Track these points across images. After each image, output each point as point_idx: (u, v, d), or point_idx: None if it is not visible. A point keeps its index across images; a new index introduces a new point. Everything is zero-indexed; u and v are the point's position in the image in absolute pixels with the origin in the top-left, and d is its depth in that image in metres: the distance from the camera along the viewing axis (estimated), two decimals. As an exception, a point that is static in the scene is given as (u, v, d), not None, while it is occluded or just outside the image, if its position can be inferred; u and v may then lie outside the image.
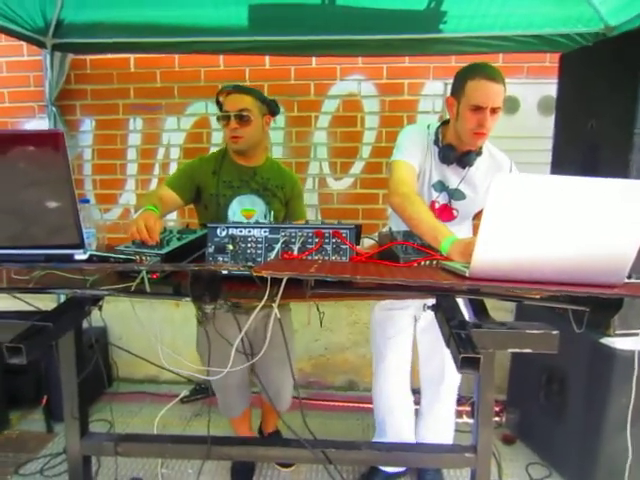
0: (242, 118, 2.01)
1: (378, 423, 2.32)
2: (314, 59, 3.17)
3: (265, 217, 2.10)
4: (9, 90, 3.32)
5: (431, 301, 1.33)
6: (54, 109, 3.11)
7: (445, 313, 1.16)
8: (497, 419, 2.83)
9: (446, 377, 2.14)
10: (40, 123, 3.27)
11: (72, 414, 1.63)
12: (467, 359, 0.95)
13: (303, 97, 3.20)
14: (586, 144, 2.31)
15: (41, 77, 3.18)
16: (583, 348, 2.19)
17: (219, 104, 2.08)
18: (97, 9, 2.79)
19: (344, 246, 1.47)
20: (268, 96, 2.12)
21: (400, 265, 1.36)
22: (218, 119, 2.08)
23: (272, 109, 2.11)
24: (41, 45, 2.97)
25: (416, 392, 2.29)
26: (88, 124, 3.36)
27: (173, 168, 3.35)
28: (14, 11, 2.63)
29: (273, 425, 2.61)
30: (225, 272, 1.39)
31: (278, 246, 1.47)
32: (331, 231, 1.49)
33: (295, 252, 1.45)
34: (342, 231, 1.48)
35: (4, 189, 1.15)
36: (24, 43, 3.07)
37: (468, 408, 2.83)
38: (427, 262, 1.41)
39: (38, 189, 1.15)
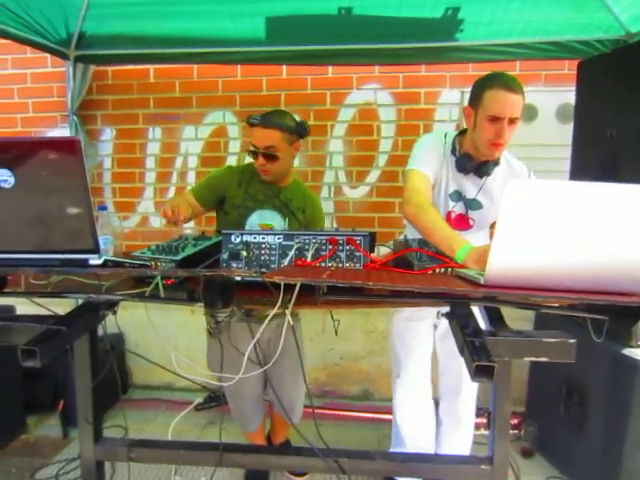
0: (269, 156, 2.01)
1: (397, 433, 2.28)
2: (330, 68, 3.19)
3: None
4: (33, 100, 3.41)
5: (445, 309, 1.31)
6: (75, 119, 3.17)
7: (459, 321, 1.14)
8: (516, 431, 2.77)
9: (464, 386, 2.10)
10: (62, 132, 3.34)
11: (86, 419, 1.64)
12: (481, 367, 0.94)
13: (319, 106, 3.22)
14: (606, 152, 2.28)
15: (64, 88, 3.27)
16: (604, 359, 2.13)
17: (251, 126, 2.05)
18: (118, 21, 2.85)
19: (358, 253, 1.46)
20: (290, 113, 2.10)
21: (414, 272, 1.34)
22: (248, 153, 2.06)
23: (301, 133, 2.08)
24: (64, 57, 3.05)
25: (436, 403, 2.26)
26: (108, 133, 3.42)
27: (191, 177, 3.39)
28: (39, 24, 2.71)
29: (283, 435, 2.58)
30: (238, 278, 1.39)
31: (291, 253, 1.46)
32: (345, 238, 1.48)
33: (308, 259, 1.45)
34: (356, 238, 1.48)
35: (22, 195, 1.17)
36: (48, 55, 3.16)
37: (485, 420, 2.78)
38: (442, 270, 1.39)
39: (55, 195, 1.17)
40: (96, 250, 1.22)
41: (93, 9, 2.75)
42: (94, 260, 1.23)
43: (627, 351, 2.04)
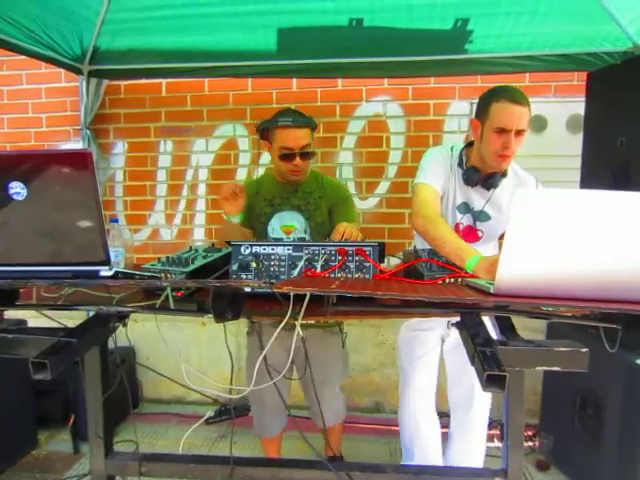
0: (307, 155, 2.02)
1: (405, 446, 2.25)
2: (340, 81, 3.22)
3: (305, 232, 2.11)
4: (47, 115, 3.47)
5: (456, 318, 1.30)
6: (88, 132, 3.22)
7: (470, 330, 1.13)
8: (530, 444, 2.73)
9: (476, 399, 2.07)
10: (75, 146, 3.39)
11: (97, 433, 1.64)
12: (492, 377, 0.92)
13: (329, 118, 3.24)
14: (616, 161, 2.27)
15: (77, 102, 3.32)
16: (618, 369, 2.10)
17: (263, 130, 2.04)
18: (131, 37, 2.90)
19: (367, 264, 1.46)
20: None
21: (424, 282, 1.34)
22: (280, 155, 2.01)
23: (315, 127, 2.09)
24: (78, 72, 3.10)
25: (444, 415, 2.24)
26: (120, 147, 3.47)
27: (201, 189, 3.42)
28: (55, 40, 2.77)
29: (333, 446, 2.48)
30: (248, 289, 1.39)
31: (301, 263, 1.47)
32: (354, 249, 1.48)
33: (318, 269, 1.45)
34: (365, 249, 1.48)
35: (34, 207, 1.18)
36: (62, 70, 3.21)
37: (499, 431, 2.74)
38: (451, 279, 1.38)
39: (66, 207, 1.18)
40: (107, 262, 1.23)
41: (107, 25, 2.80)
42: (105, 272, 1.23)
43: (642, 362, 2.01)
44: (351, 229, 1.78)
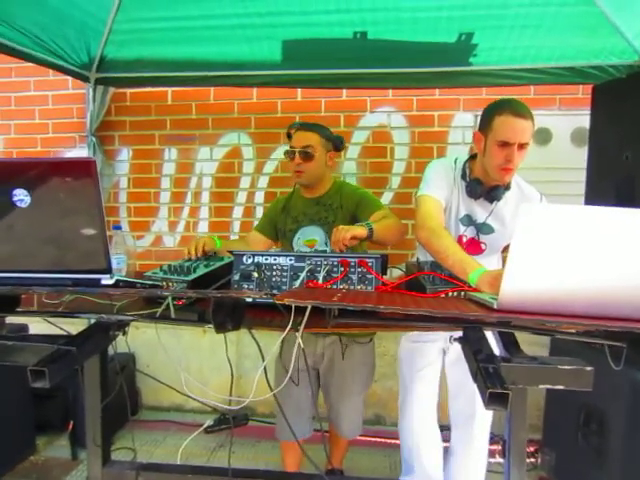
0: (305, 155, 2.11)
1: (405, 460, 2.23)
2: (344, 91, 3.23)
3: (326, 244, 2.16)
4: (53, 121, 3.49)
5: (458, 333, 1.29)
6: (94, 139, 3.24)
7: (472, 346, 1.12)
8: (532, 460, 2.70)
9: (477, 413, 2.05)
10: (80, 153, 3.42)
11: (94, 441, 1.63)
12: (495, 395, 0.91)
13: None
14: (621, 175, 2.26)
15: (84, 109, 3.34)
16: (623, 386, 2.07)
17: (290, 138, 2.19)
18: (138, 46, 2.93)
19: (370, 275, 1.45)
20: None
21: (426, 295, 1.33)
22: (286, 153, 2.19)
23: (337, 145, 2.21)
24: (85, 79, 3.12)
25: (445, 429, 2.21)
26: (125, 154, 3.48)
27: (205, 197, 3.43)
28: (62, 49, 2.80)
29: (337, 460, 2.52)
30: (249, 299, 1.39)
31: (303, 274, 1.46)
32: (356, 260, 1.47)
33: (320, 281, 1.44)
34: (368, 260, 1.47)
35: (37, 214, 1.18)
36: (69, 78, 3.23)
37: (500, 447, 2.71)
38: (454, 293, 1.38)
39: (69, 215, 1.19)
40: (108, 270, 1.23)
41: (114, 35, 2.84)
42: (106, 280, 1.23)
43: (647, 379, 1.99)
44: (340, 231, 1.70)
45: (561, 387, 1.06)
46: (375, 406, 3.32)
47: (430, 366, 2.10)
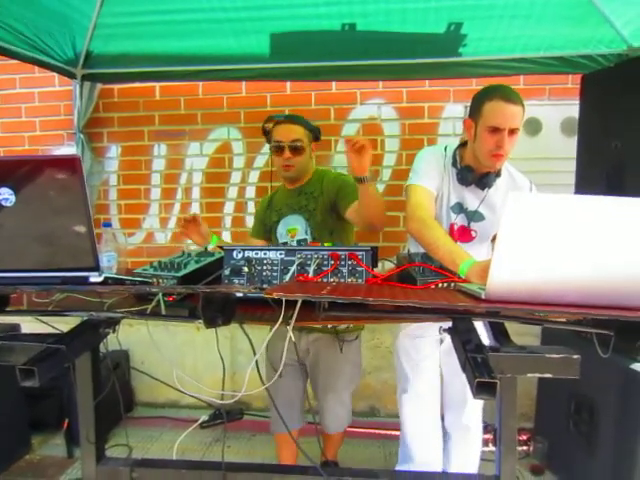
0: (295, 149, 2.10)
1: (404, 449, 2.24)
2: (334, 84, 3.22)
3: (306, 232, 2.16)
4: (40, 119, 3.46)
5: (448, 324, 1.30)
6: (82, 136, 3.21)
7: (461, 336, 1.13)
8: (525, 448, 2.72)
9: (469, 401, 2.07)
10: (68, 150, 3.38)
11: (88, 438, 1.62)
12: (483, 384, 0.92)
13: (323, 121, 3.21)
14: (610, 164, 2.27)
15: (71, 106, 3.31)
16: (613, 374, 2.10)
17: (266, 132, 2.16)
18: (125, 41, 2.90)
19: (360, 268, 1.45)
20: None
21: (416, 287, 1.33)
22: (271, 148, 2.16)
23: (317, 135, 2.20)
24: (71, 75, 3.09)
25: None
26: (114, 150, 3.46)
27: (195, 193, 3.42)
28: (46, 44, 2.75)
29: (330, 453, 2.54)
30: (239, 294, 1.38)
31: (293, 268, 1.46)
32: (347, 253, 1.47)
33: (310, 274, 1.44)
34: (358, 253, 1.47)
35: (22, 213, 1.17)
36: (56, 74, 3.20)
37: (492, 436, 2.73)
38: (444, 284, 1.38)
39: (56, 213, 1.17)
40: (97, 268, 1.22)
41: (100, 29, 2.80)
42: (94, 278, 1.22)
43: (635, 366, 2.01)
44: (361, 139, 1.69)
45: (549, 375, 1.07)
46: (370, 398, 3.34)
47: (428, 359, 2.09)
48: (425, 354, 2.09)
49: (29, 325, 1.50)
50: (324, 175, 2.25)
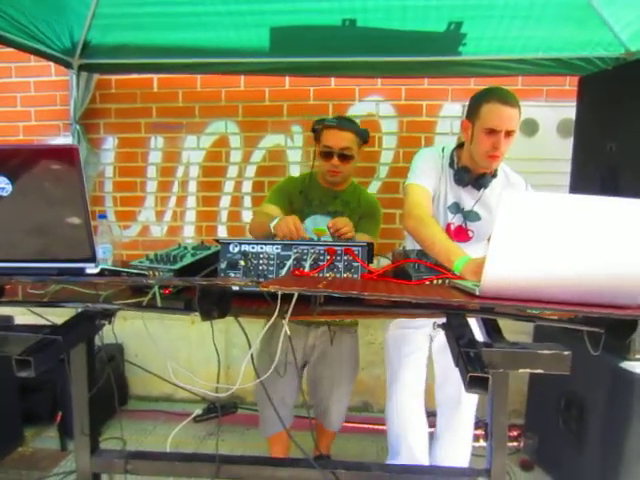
0: (344, 156, 2.09)
1: (391, 444, 2.26)
2: (333, 80, 3.21)
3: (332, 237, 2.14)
4: (36, 109, 3.43)
5: (442, 319, 1.31)
6: (78, 127, 3.18)
7: (455, 332, 1.14)
8: (515, 444, 2.74)
9: (463, 399, 2.09)
10: (64, 141, 3.35)
11: (82, 431, 1.63)
12: (475, 378, 0.93)
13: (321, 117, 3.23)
14: (605, 166, 2.28)
15: (67, 96, 3.27)
16: (602, 372, 2.12)
17: (315, 131, 2.14)
18: (123, 31, 2.87)
19: (356, 264, 1.46)
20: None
21: (410, 283, 1.34)
22: (320, 153, 2.11)
23: (365, 139, 2.16)
24: (68, 65, 3.06)
25: (431, 414, 2.24)
26: (110, 142, 3.43)
27: (192, 186, 3.40)
28: (43, 33, 2.72)
29: (324, 446, 2.55)
30: (235, 288, 1.39)
31: (289, 262, 1.47)
32: (343, 248, 1.48)
33: (306, 269, 1.45)
34: (354, 249, 1.48)
35: (19, 203, 1.17)
36: (52, 64, 3.17)
37: (484, 432, 2.75)
38: (439, 281, 1.39)
39: (52, 203, 1.17)
40: (93, 259, 1.22)
41: (98, 19, 2.77)
42: (90, 269, 1.23)
43: (625, 364, 2.03)
44: (344, 222, 1.78)
45: (540, 371, 1.09)
46: (363, 393, 3.35)
47: (417, 352, 2.12)
48: (414, 347, 2.12)
49: (22, 317, 1.50)
50: (361, 191, 2.29)
